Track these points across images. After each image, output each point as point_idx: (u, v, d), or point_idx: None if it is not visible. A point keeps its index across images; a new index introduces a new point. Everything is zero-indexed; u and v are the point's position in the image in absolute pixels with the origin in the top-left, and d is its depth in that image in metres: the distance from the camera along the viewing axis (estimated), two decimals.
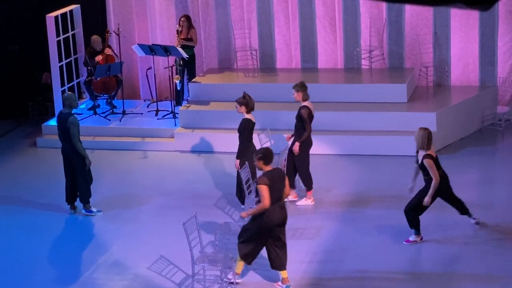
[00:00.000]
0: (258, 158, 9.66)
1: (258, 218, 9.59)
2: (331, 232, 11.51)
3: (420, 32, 15.79)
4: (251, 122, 11.90)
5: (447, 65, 15.86)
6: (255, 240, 9.68)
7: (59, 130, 12.21)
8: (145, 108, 16.55)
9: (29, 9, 17.02)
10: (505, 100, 15.65)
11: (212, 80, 16.10)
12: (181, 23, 15.89)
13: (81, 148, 12.09)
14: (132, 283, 10.42)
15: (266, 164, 9.66)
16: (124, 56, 16.74)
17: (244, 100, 11.85)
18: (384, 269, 10.43)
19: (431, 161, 10.60)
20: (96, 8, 17.13)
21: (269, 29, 16.58)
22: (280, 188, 9.65)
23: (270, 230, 9.62)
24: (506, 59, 15.63)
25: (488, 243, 10.95)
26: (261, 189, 9.49)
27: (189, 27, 15.95)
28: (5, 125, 16.93)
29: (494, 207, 12.13)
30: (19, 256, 11.28)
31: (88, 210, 12.42)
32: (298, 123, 12.12)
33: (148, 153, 15.04)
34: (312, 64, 16.49)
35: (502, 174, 13.45)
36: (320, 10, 16.24)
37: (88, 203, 12.40)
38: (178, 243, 10.44)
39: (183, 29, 15.87)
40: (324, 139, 14.46)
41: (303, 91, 12.12)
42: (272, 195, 9.52)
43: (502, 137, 14.98)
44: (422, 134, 10.64)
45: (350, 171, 13.46)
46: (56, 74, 16.17)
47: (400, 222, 11.46)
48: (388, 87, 15.09)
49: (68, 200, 12.48)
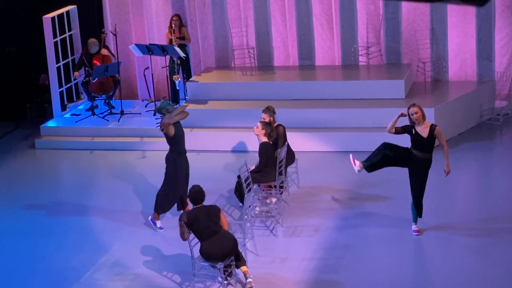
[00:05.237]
0: (190, 198, 10.11)
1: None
2: (331, 229, 11.52)
3: (417, 28, 15.79)
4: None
5: (445, 61, 15.87)
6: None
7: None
8: (143, 108, 16.54)
9: (25, 11, 17.01)
10: (503, 94, 15.65)
11: (209, 79, 16.10)
12: (173, 22, 15.88)
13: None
14: (132, 283, 10.43)
15: (195, 203, 10.00)
16: (121, 56, 16.73)
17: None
18: (385, 264, 10.44)
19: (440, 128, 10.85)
20: (93, 9, 17.12)
21: (266, 27, 16.58)
22: (210, 224, 9.86)
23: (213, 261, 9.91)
24: (503, 53, 15.63)
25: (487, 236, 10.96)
26: (179, 225, 9.93)
27: (181, 26, 15.95)
28: (3, 127, 16.92)
29: (493, 201, 12.13)
30: (19, 257, 11.28)
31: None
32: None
33: (146, 153, 15.03)
34: (310, 62, 16.49)
35: (501, 168, 13.46)
36: (316, 7, 16.24)
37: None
38: (178, 242, 10.44)
39: (176, 28, 15.86)
40: (322, 136, 14.48)
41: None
42: (201, 231, 9.82)
43: (500, 132, 14.99)
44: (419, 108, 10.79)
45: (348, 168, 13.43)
46: (53, 75, 16.16)
47: (400, 217, 11.49)
48: (386, 83, 15.10)
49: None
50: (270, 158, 11.91)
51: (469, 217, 11.59)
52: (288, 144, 12.40)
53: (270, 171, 11.92)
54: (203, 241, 9.88)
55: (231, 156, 14.50)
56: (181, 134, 11.62)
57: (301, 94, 15.26)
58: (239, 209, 12.10)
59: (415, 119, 10.79)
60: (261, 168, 11.94)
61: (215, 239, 9.85)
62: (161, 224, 11.78)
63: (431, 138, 10.77)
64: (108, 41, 16.61)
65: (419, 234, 11.11)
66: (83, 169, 14.53)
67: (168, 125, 11.35)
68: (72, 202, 13.10)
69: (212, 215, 9.92)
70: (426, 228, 11.23)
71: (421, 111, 10.82)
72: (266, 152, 11.90)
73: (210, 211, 9.96)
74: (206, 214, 9.91)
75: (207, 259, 9.91)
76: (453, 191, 12.62)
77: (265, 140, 11.96)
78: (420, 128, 10.79)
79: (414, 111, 10.81)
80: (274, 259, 10.78)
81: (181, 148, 11.66)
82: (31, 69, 17.18)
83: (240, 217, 11.83)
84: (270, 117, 12.26)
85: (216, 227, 9.91)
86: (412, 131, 10.86)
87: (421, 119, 10.78)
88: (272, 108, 12.41)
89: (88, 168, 14.55)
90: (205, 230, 9.85)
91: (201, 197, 10.00)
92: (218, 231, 9.91)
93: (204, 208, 9.97)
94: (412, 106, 10.86)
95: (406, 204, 11.35)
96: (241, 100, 15.42)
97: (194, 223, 9.84)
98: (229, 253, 9.91)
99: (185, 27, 16.09)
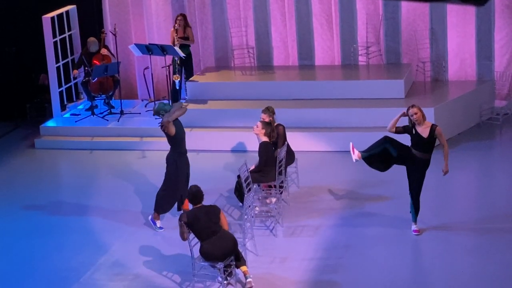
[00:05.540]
0: (188, 198, 10.14)
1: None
2: (331, 229, 11.52)
3: (417, 28, 15.79)
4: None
5: (444, 60, 15.87)
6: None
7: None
8: (142, 107, 16.54)
9: (25, 11, 17.00)
10: (503, 94, 15.66)
11: (209, 79, 16.09)
12: (178, 21, 15.88)
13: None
14: (132, 283, 10.43)
15: (194, 203, 10.00)
16: (121, 56, 16.74)
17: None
18: (385, 264, 10.45)
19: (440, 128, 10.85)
20: (92, 9, 17.12)
21: (265, 27, 16.58)
22: (210, 224, 9.87)
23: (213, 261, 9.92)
24: (503, 53, 15.63)
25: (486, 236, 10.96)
26: (178, 225, 9.94)
27: (185, 26, 15.95)
28: (3, 127, 16.92)
29: (493, 201, 12.14)
30: (18, 257, 11.28)
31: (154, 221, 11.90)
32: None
33: (146, 152, 15.03)
34: (309, 61, 16.49)
35: (500, 168, 13.46)
36: (316, 7, 16.24)
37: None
38: (178, 242, 10.44)
39: (180, 27, 15.86)
40: (322, 136, 14.48)
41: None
42: (201, 231, 9.82)
43: (500, 131, 14.99)
44: (419, 109, 10.79)
45: (348, 168, 13.45)
46: (53, 75, 16.16)
47: (399, 217, 11.49)
48: (385, 83, 15.10)
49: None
50: (270, 158, 11.91)
51: (469, 217, 11.59)
52: (288, 144, 12.40)
53: (270, 171, 11.92)
54: (203, 241, 9.89)
55: (231, 156, 14.50)
56: (182, 134, 11.62)
57: (300, 94, 15.26)
58: (239, 209, 12.10)
59: (415, 120, 10.79)
60: (261, 168, 11.93)
61: (215, 239, 9.85)
62: (161, 224, 11.77)
63: (431, 138, 10.78)
64: (107, 41, 16.61)
65: (419, 234, 11.12)
66: (82, 169, 14.53)
67: (168, 123, 11.35)
68: (71, 202, 13.10)
69: (212, 215, 9.92)
70: (426, 228, 11.23)
71: (421, 111, 10.82)
72: (266, 152, 11.89)
73: (210, 211, 9.96)
74: (206, 214, 9.91)
75: (207, 259, 9.91)
76: (452, 191, 12.62)
77: (265, 139, 11.96)
78: (421, 128, 10.80)
79: (413, 111, 10.81)
80: (274, 259, 10.78)
81: (182, 148, 11.66)
82: (30, 69, 17.18)
83: (240, 217, 11.83)
84: (270, 118, 12.26)
85: (216, 227, 9.91)
86: (412, 131, 10.86)
87: (421, 120, 10.78)
88: (271, 108, 12.41)
89: (88, 168, 14.55)
90: (205, 230, 9.85)
91: (199, 197, 10.00)
92: (218, 231, 9.91)
93: (204, 208, 9.97)
94: (412, 107, 10.87)
95: (405, 204, 11.35)
96: (240, 100, 15.43)
97: (194, 223, 9.84)
98: (229, 253, 9.92)
99: (191, 27, 16.08)
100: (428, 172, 11.00)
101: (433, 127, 10.78)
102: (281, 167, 12.03)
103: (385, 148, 11.04)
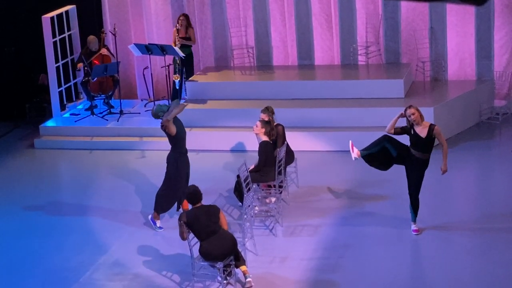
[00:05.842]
0: (187, 199, 10.16)
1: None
2: (330, 229, 11.52)
3: (416, 28, 15.79)
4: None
5: (444, 60, 15.88)
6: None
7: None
8: (142, 107, 16.54)
9: (25, 11, 17.00)
10: (502, 94, 15.66)
11: (209, 79, 16.10)
12: (180, 21, 15.88)
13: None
14: (132, 283, 10.43)
15: (193, 203, 10.00)
16: (121, 56, 16.74)
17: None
18: (385, 264, 10.45)
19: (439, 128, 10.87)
20: (92, 9, 17.12)
21: (265, 27, 16.58)
22: (210, 224, 9.87)
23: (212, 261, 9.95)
24: (502, 53, 15.63)
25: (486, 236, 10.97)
26: (178, 224, 9.95)
27: (187, 26, 15.95)
28: (3, 127, 16.92)
29: (492, 200, 12.14)
30: (18, 257, 11.28)
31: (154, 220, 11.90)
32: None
33: (146, 152, 15.04)
34: (309, 61, 16.50)
35: (500, 167, 13.46)
36: (316, 7, 16.24)
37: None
38: (178, 242, 10.45)
39: (182, 28, 15.86)
40: (321, 136, 14.49)
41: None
42: (201, 231, 9.83)
43: (499, 131, 15.00)
44: (417, 109, 10.79)
45: (348, 168, 13.46)
46: (52, 75, 16.16)
47: (399, 217, 11.50)
48: (385, 83, 15.11)
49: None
50: (269, 157, 11.91)
51: (469, 217, 11.59)
52: (287, 144, 12.40)
53: (269, 170, 11.92)
54: (202, 241, 9.89)
55: (230, 156, 14.50)
56: (183, 134, 11.63)
57: (300, 93, 15.26)
58: (238, 209, 12.10)
59: (413, 120, 10.80)
60: (260, 167, 11.94)
61: (214, 238, 9.85)
62: (161, 223, 11.78)
63: (429, 138, 10.78)
64: (107, 41, 16.62)
65: (419, 233, 11.12)
66: (82, 169, 14.53)
67: (168, 123, 11.36)
68: (71, 202, 13.10)
69: (211, 215, 9.93)
70: (426, 228, 11.24)
71: (418, 112, 10.82)
72: (265, 151, 11.89)
73: (210, 211, 9.97)
74: (205, 214, 9.91)
75: (206, 259, 9.92)
76: (452, 191, 12.63)
77: (265, 139, 11.96)
78: (419, 128, 10.80)
79: (411, 112, 10.81)
80: (274, 258, 10.78)
81: (183, 148, 11.67)
82: (30, 69, 17.18)
83: (239, 216, 11.83)
84: (269, 117, 12.26)
85: (215, 226, 9.91)
86: (411, 131, 10.87)
87: (419, 120, 10.78)
88: (271, 108, 12.41)
89: (88, 168, 14.55)
90: (204, 229, 9.86)
91: (198, 197, 9.99)
92: (217, 231, 9.91)
93: (204, 208, 9.97)
94: (409, 107, 10.87)
95: (405, 204, 11.35)
96: (240, 99, 15.43)
97: (193, 223, 9.84)
98: (229, 252, 9.92)
99: (193, 28, 16.08)
100: (428, 172, 11.01)
101: (431, 127, 10.79)
102: (281, 166, 12.03)
103: (384, 147, 11.04)
